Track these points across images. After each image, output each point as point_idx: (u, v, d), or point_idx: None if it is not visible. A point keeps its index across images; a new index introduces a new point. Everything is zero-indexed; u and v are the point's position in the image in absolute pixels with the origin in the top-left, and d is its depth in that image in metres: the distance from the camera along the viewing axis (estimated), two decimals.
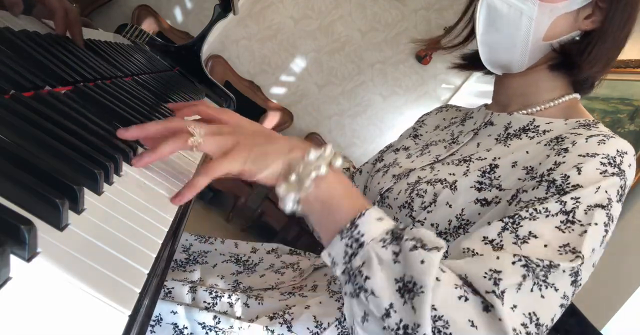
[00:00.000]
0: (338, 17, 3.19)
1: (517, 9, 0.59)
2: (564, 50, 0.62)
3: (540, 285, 0.43)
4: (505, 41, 0.62)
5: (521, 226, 0.48)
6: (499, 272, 0.42)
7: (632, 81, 1.99)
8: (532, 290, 0.43)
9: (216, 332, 0.59)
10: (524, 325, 0.41)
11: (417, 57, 3.24)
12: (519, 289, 0.42)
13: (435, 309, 0.40)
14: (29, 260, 0.24)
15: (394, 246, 0.42)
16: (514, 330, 0.40)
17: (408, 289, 0.40)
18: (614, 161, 0.51)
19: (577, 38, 0.62)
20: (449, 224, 0.59)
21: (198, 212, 2.83)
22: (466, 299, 0.41)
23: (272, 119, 3.21)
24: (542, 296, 0.43)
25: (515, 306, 0.42)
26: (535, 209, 0.48)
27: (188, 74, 1.25)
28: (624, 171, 0.52)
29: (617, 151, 0.52)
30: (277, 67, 3.28)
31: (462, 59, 0.75)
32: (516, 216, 0.48)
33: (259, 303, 0.65)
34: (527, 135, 0.63)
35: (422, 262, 0.40)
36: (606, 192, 0.50)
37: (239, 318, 0.61)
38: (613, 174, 0.51)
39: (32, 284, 0.24)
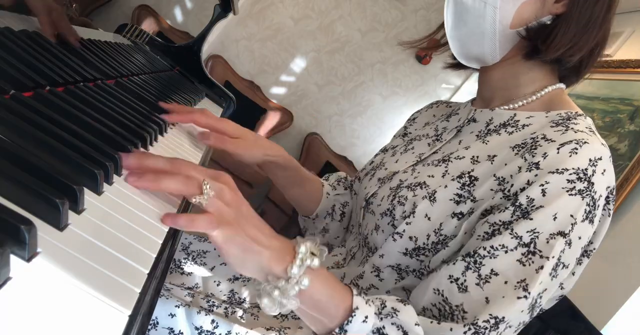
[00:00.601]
0: (338, 17, 3.19)
1: (480, 0, 0.59)
2: (529, 36, 0.61)
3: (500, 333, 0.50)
4: (473, 33, 0.62)
5: (483, 265, 0.51)
6: None
7: (632, 81, 1.99)
8: None
9: None
10: None
11: (417, 57, 3.24)
12: None
13: None
14: (29, 260, 0.24)
15: None
16: None
17: None
18: (585, 174, 0.51)
19: (548, 22, 0.60)
20: (427, 239, 0.59)
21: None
22: None
23: (272, 119, 3.21)
24: None
25: None
26: (492, 246, 0.51)
27: (188, 74, 1.25)
28: (593, 184, 0.51)
29: (590, 160, 0.51)
30: (277, 67, 3.28)
31: (452, 58, 0.75)
32: (476, 255, 0.52)
33: (254, 319, 0.65)
34: (505, 131, 0.62)
35: None
36: (571, 216, 0.50)
37: (236, 323, 0.61)
38: (580, 190, 0.50)
39: (32, 284, 0.24)
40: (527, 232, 0.50)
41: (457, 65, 0.76)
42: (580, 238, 0.52)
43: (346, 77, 3.30)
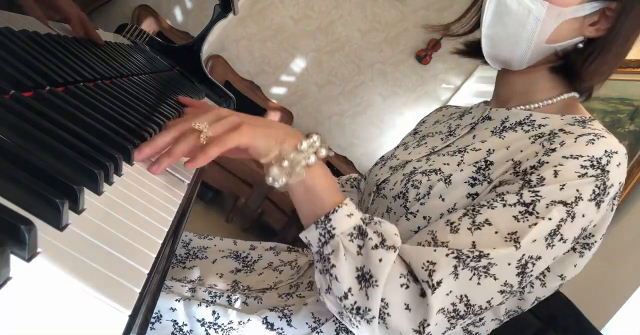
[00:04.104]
0: (338, 17, 3.19)
1: (525, 8, 0.59)
2: (567, 56, 0.63)
3: (480, 275, 0.49)
4: (509, 38, 0.62)
5: (479, 214, 0.53)
6: (434, 264, 0.49)
7: (632, 81, 1.99)
8: (470, 279, 0.49)
9: (215, 329, 0.59)
10: (453, 304, 0.49)
11: (417, 57, 3.24)
12: (457, 277, 0.49)
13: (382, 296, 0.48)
14: (29, 260, 0.24)
15: (359, 240, 0.51)
16: (442, 309, 0.48)
17: (365, 279, 0.49)
18: (599, 162, 0.52)
19: (580, 45, 0.62)
20: (440, 217, 0.59)
21: (198, 212, 2.83)
22: (407, 287, 0.49)
23: (272, 119, 3.21)
24: (479, 283, 0.49)
25: (450, 291, 0.49)
26: (493, 199, 0.53)
27: (188, 74, 1.25)
28: (607, 171, 0.52)
29: (606, 151, 0.52)
30: (277, 67, 3.28)
31: (464, 46, 0.75)
32: (476, 205, 0.54)
33: (258, 302, 0.65)
34: (522, 129, 0.63)
35: (380, 260, 0.49)
36: (577, 190, 0.51)
37: (237, 310, 0.61)
38: (592, 176, 0.51)
39: (32, 284, 0.24)
40: (531, 194, 0.51)
41: (464, 53, 0.75)
42: (583, 216, 0.52)
43: (346, 77, 3.30)
